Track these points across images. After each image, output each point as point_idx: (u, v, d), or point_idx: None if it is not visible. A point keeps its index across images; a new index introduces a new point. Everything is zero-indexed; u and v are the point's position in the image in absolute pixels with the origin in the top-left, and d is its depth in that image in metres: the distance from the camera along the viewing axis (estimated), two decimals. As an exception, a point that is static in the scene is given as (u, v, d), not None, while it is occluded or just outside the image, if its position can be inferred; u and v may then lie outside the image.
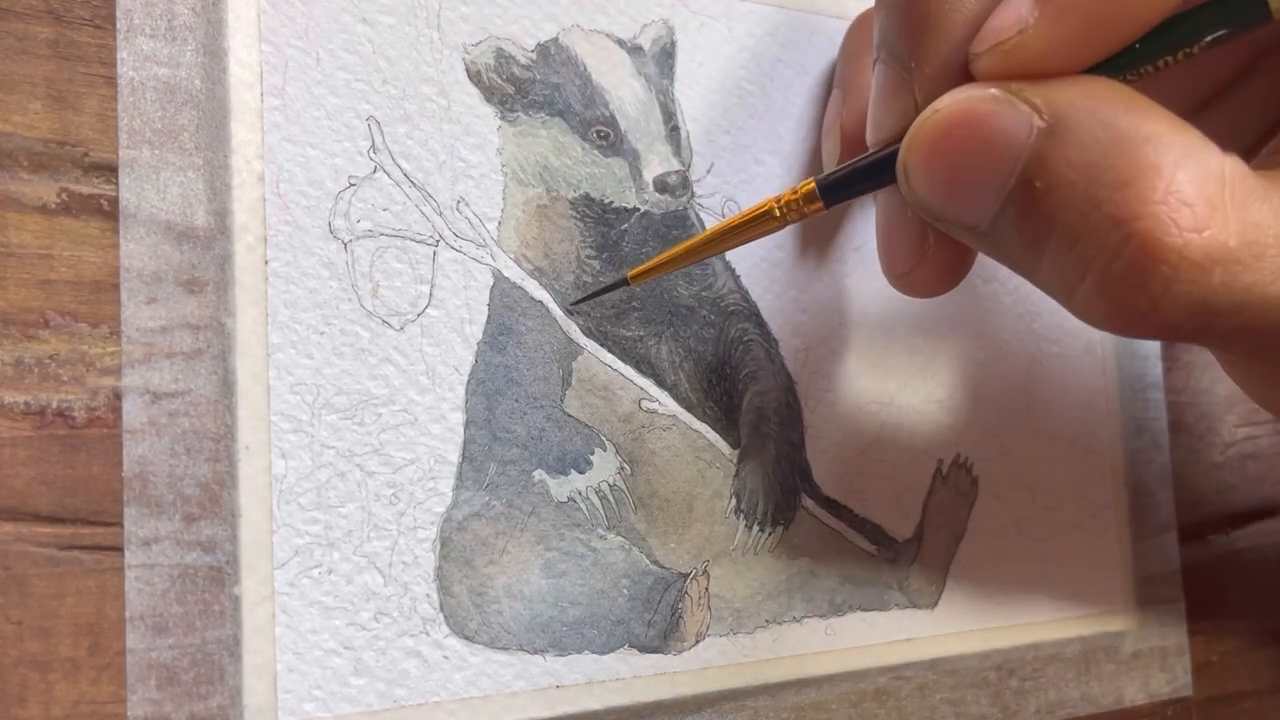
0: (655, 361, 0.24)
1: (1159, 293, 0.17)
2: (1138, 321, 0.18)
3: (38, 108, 0.19)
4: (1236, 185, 0.17)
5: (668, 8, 0.25)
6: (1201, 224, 0.17)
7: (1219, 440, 0.34)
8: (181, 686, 0.19)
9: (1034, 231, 0.18)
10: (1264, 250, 0.17)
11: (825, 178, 0.21)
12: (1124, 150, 0.17)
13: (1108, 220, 0.17)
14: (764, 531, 0.25)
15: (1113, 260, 0.17)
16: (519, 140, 0.23)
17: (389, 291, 0.22)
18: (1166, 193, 0.17)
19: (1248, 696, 0.34)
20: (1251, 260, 0.17)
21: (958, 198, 0.19)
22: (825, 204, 0.21)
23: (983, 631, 0.28)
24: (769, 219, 0.22)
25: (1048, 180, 0.18)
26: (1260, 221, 0.17)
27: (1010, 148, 0.18)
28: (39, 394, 0.19)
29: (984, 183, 0.19)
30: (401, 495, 0.21)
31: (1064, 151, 0.18)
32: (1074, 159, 0.17)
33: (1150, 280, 0.17)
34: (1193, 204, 0.17)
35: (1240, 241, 0.17)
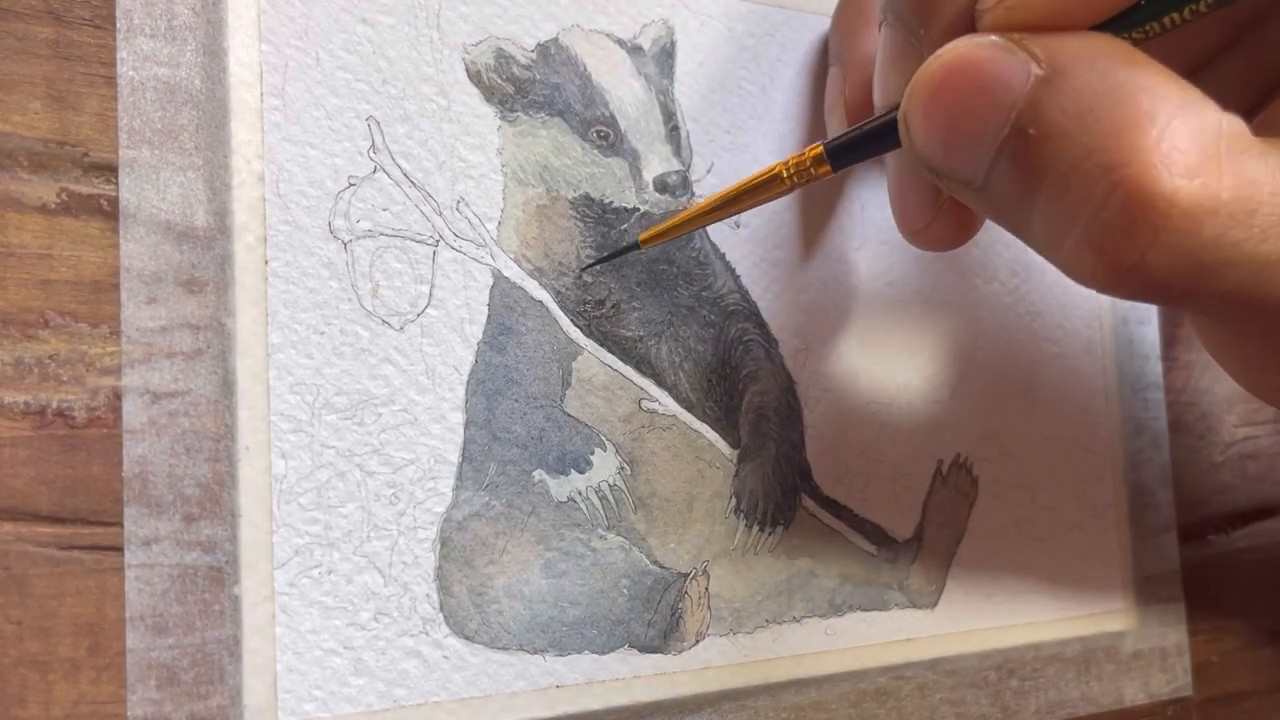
0: (655, 361, 0.24)
1: (1147, 244, 0.17)
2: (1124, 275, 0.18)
3: (38, 108, 0.19)
4: (1233, 140, 0.17)
5: (668, 8, 0.25)
6: (1194, 171, 0.16)
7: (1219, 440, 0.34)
8: (181, 686, 0.19)
9: (1026, 181, 0.18)
10: (1257, 207, 0.17)
11: (832, 141, 0.21)
12: (1119, 100, 0.17)
13: (1099, 168, 0.17)
14: (764, 531, 0.25)
15: (1101, 209, 0.17)
16: (519, 140, 0.23)
17: (389, 291, 0.22)
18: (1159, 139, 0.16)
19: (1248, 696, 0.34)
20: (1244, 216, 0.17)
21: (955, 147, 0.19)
22: (832, 167, 0.21)
23: (983, 631, 0.28)
24: (777, 182, 0.22)
25: (1041, 128, 0.18)
26: (1255, 178, 0.17)
27: (1006, 94, 0.18)
28: (39, 394, 0.19)
29: (980, 130, 0.18)
30: (401, 495, 0.21)
31: (1059, 99, 0.17)
32: (1069, 107, 0.17)
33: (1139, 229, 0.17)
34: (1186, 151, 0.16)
35: (1233, 195, 0.17)
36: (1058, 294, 0.31)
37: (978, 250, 0.29)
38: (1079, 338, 0.31)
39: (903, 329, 0.28)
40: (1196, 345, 0.33)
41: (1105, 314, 0.32)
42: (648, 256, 0.24)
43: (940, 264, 0.29)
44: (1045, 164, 0.18)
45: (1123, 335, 0.32)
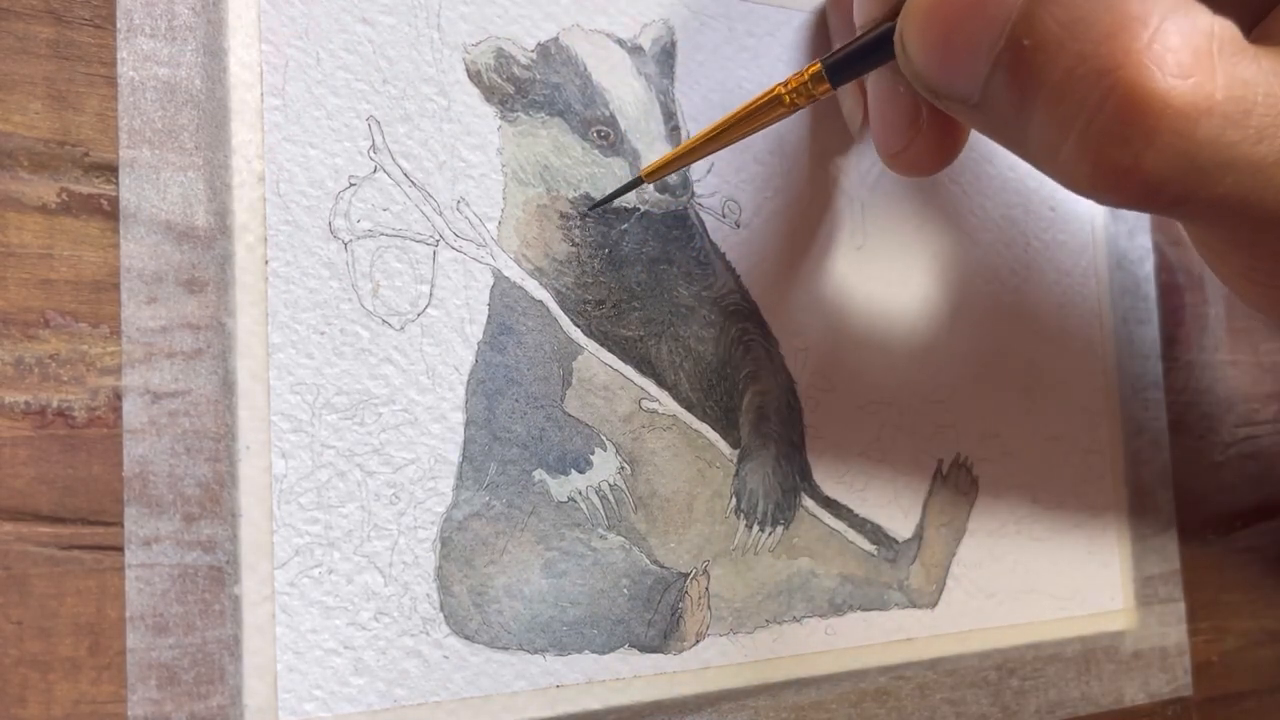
0: (655, 361, 0.24)
1: (1143, 144, 0.17)
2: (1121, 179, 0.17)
3: (38, 108, 0.19)
4: (1226, 42, 0.17)
5: (668, 8, 0.25)
6: (1186, 71, 0.16)
7: (1219, 440, 0.34)
8: (181, 686, 0.19)
9: (1022, 92, 0.18)
10: (1251, 108, 0.17)
11: (829, 57, 0.21)
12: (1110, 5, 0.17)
13: (1093, 73, 0.17)
14: (764, 531, 0.25)
15: (1096, 113, 0.17)
16: (519, 140, 0.23)
17: (389, 291, 0.22)
18: (1151, 41, 0.17)
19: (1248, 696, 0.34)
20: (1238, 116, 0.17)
21: (952, 63, 0.19)
22: (831, 84, 0.21)
23: (983, 631, 0.28)
24: (777, 105, 0.22)
25: (1035, 38, 0.18)
26: (1249, 79, 0.17)
27: (1000, 7, 0.18)
28: (39, 394, 0.19)
29: (976, 45, 0.18)
30: (402, 495, 0.21)
31: (1052, 9, 0.17)
32: (1061, 16, 0.17)
33: (1134, 131, 0.17)
34: (1178, 51, 0.17)
35: (1227, 95, 0.17)
36: (1058, 294, 0.31)
37: (978, 250, 0.29)
38: (1079, 338, 0.31)
39: (903, 329, 0.28)
40: (1197, 345, 0.34)
41: (1105, 314, 0.32)
42: (648, 256, 0.24)
43: (941, 264, 0.29)
44: (1041, 73, 0.18)
45: (1123, 335, 0.32)
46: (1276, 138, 0.17)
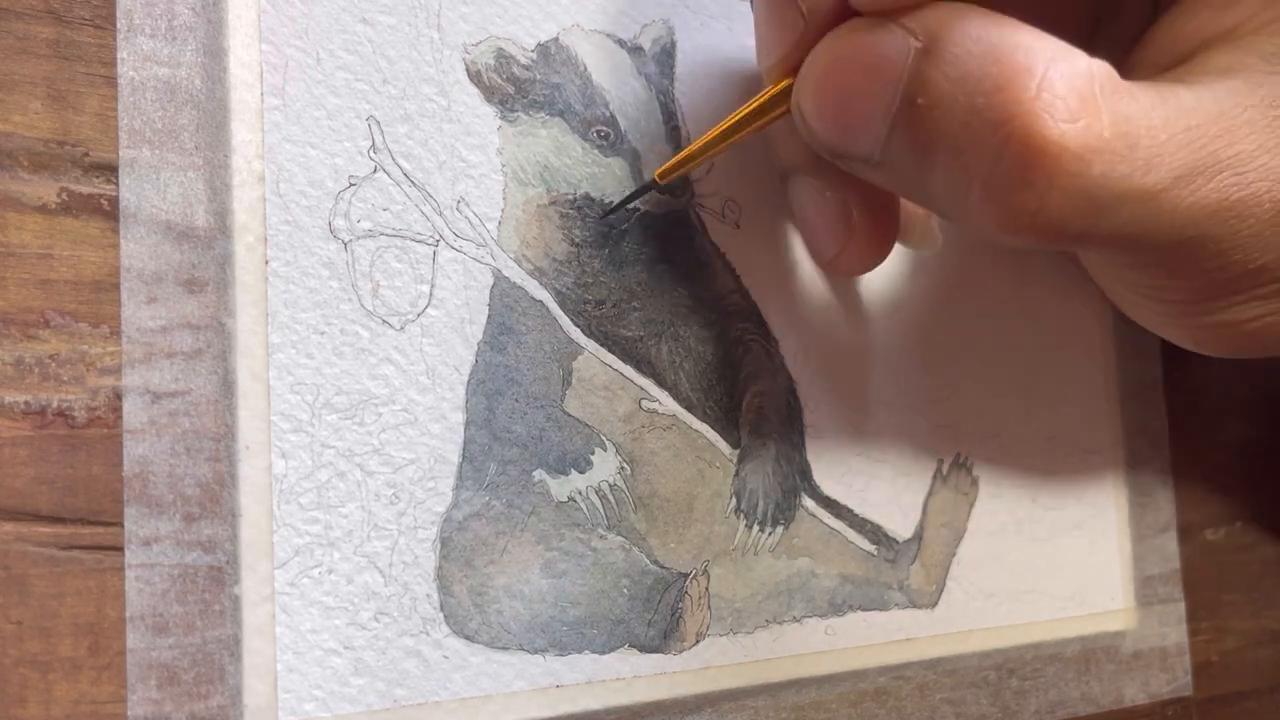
0: (655, 361, 0.24)
1: (1044, 188, 0.18)
2: (1027, 221, 0.18)
3: (38, 108, 0.19)
4: (1105, 82, 0.18)
5: (668, 8, 0.25)
6: (1075, 115, 0.17)
7: (1219, 440, 0.34)
8: (181, 686, 0.19)
9: (922, 149, 0.19)
10: (1136, 141, 0.18)
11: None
12: (997, 58, 0.18)
13: (988, 125, 0.18)
14: (764, 531, 0.25)
15: (996, 162, 0.18)
16: (519, 140, 0.23)
17: (389, 291, 0.22)
18: (1039, 89, 0.17)
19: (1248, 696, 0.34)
20: (1126, 151, 0.18)
21: (850, 127, 0.20)
22: None
23: (983, 631, 0.28)
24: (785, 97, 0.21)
25: (929, 97, 0.18)
26: (1131, 115, 0.18)
27: (891, 70, 0.19)
28: (39, 394, 0.19)
29: (871, 108, 0.19)
30: (402, 495, 0.21)
31: (941, 67, 0.18)
32: (950, 73, 0.18)
33: (1034, 175, 0.18)
34: (1065, 97, 0.17)
35: (1114, 133, 0.18)
36: (1058, 294, 0.31)
37: (979, 250, 0.29)
38: (1079, 338, 0.31)
39: (903, 329, 0.28)
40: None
41: (1105, 314, 0.32)
42: (648, 256, 0.24)
43: (941, 264, 0.29)
44: (938, 130, 0.18)
45: (1123, 335, 0.32)
46: (1162, 166, 0.18)
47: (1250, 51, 0.19)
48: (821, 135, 0.20)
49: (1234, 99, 0.19)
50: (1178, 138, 0.18)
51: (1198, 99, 0.19)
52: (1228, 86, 0.19)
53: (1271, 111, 0.19)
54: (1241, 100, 0.19)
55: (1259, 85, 0.19)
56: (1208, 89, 0.19)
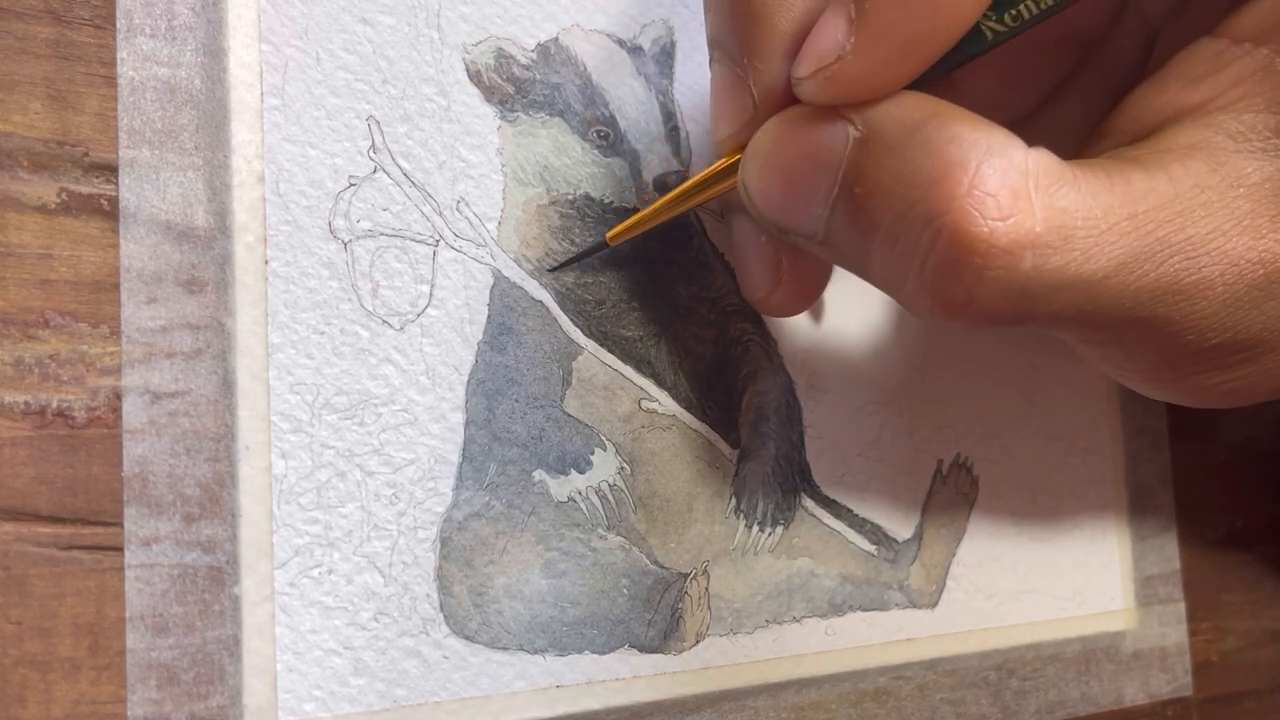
0: (655, 361, 0.24)
1: (974, 282, 0.18)
2: (959, 311, 0.19)
3: (38, 108, 0.19)
4: (1041, 175, 0.18)
5: (668, 8, 0.25)
6: (1006, 212, 0.17)
7: (1219, 440, 0.34)
8: (181, 686, 0.19)
9: (860, 235, 0.19)
10: (1073, 233, 0.18)
11: None
12: (930, 151, 0.18)
13: (921, 218, 0.18)
14: (764, 531, 0.25)
15: (928, 255, 0.18)
16: (519, 140, 0.23)
17: (389, 291, 0.22)
18: (971, 186, 0.17)
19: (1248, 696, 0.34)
20: (1060, 243, 0.18)
21: (791, 208, 0.20)
22: None
23: (983, 631, 0.28)
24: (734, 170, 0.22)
25: (865, 186, 0.19)
26: (1068, 207, 0.18)
27: (830, 156, 0.19)
28: (39, 394, 0.19)
29: (812, 192, 0.20)
30: (401, 495, 0.21)
31: (877, 158, 0.19)
32: (886, 164, 0.18)
33: (964, 270, 0.18)
34: (996, 194, 0.18)
35: (1046, 226, 0.18)
36: (1058, 294, 0.31)
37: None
38: (1079, 338, 0.31)
39: (903, 329, 0.28)
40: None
41: (1105, 314, 0.32)
42: (648, 256, 0.24)
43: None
44: (875, 218, 0.19)
45: (1123, 335, 0.32)
46: (1102, 255, 0.18)
47: (1217, 129, 0.19)
48: (765, 213, 0.21)
49: (1191, 180, 0.19)
50: (1120, 225, 0.18)
51: (1151, 182, 0.19)
52: (1187, 167, 0.19)
53: (1231, 192, 0.19)
54: (1200, 181, 0.19)
55: (1221, 164, 0.19)
56: (1164, 170, 0.19)
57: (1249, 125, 0.19)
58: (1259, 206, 0.19)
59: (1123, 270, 0.18)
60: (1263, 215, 0.19)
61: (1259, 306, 0.19)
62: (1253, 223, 0.19)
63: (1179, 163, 0.19)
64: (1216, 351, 0.20)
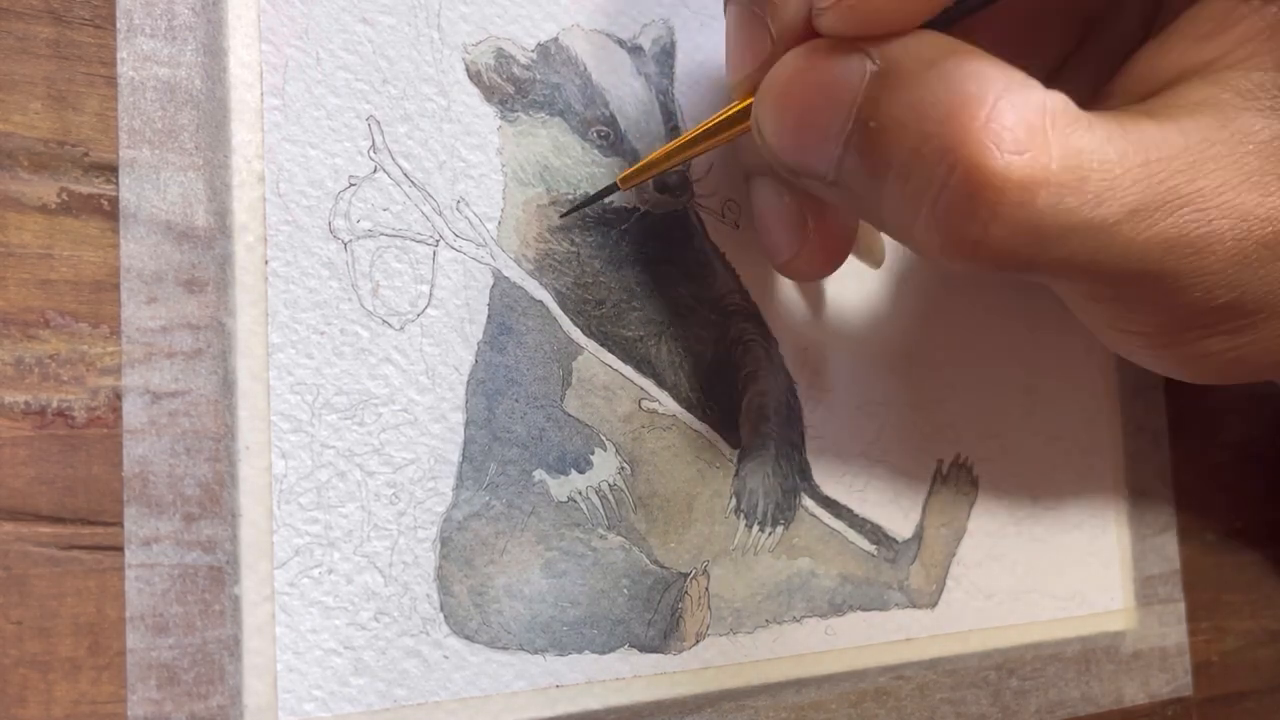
0: (655, 361, 0.24)
1: (988, 217, 0.18)
2: (971, 249, 0.18)
3: (38, 108, 0.19)
4: (1058, 114, 0.18)
5: (668, 8, 0.25)
6: (1022, 147, 0.17)
7: (1219, 440, 0.34)
8: (181, 686, 0.19)
9: (873, 171, 0.19)
10: (1087, 175, 0.18)
11: None
12: (949, 86, 0.18)
13: (936, 152, 0.18)
14: (764, 531, 0.25)
15: (943, 190, 0.18)
16: (519, 140, 0.23)
17: (389, 291, 0.22)
18: (988, 120, 0.17)
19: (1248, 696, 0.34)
20: (1075, 184, 0.18)
21: (804, 145, 0.20)
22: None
23: (983, 631, 0.28)
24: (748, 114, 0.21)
25: (880, 120, 0.18)
26: (1083, 148, 0.18)
27: (846, 91, 0.19)
28: (39, 394, 0.19)
29: (825, 127, 0.19)
30: (402, 495, 0.21)
31: (893, 92, 0.18)
32: (903, 98, 0.18)
33: (978, 205, 0.18)
34: (1013, 129, 0.17)
35: (1062, 165, 0.18)
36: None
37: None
38: (1079, 337, 0.31)
39: (903, 329, 0.28)
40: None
41: (1105, 314, 0.32)
42: (648, 256, 0.24)
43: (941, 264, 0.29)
44: (888, 153, 0.18)
45: (1123, 335, 0.32)
46: (1115, 200, 0.18)
47: (1225, 86, 0.19)
48: (778, 152, 0.20)
49: (1202, 134, 0.19)
50: (1134, 171, 0.18)
51: (1162, 132, 0.19)
52: (1197, 121, 0.19)
53: (1240, 148, 0.19)
54: (1209, 135, 0.19)
55: (1230, 120, 0.19)
56: (1174, 123, 0.19)
57: (1257, 83, 0.19)
58: (1267, 164, 0.19)
59: (1134, 218, 0.18)
60: (1271, 173, 0.19)
61: (1266, 266, 0.19)
62: (1261, 179, 0.19)
63: (1189, 117, 0.19)
64: (1222, 312, 0.20)
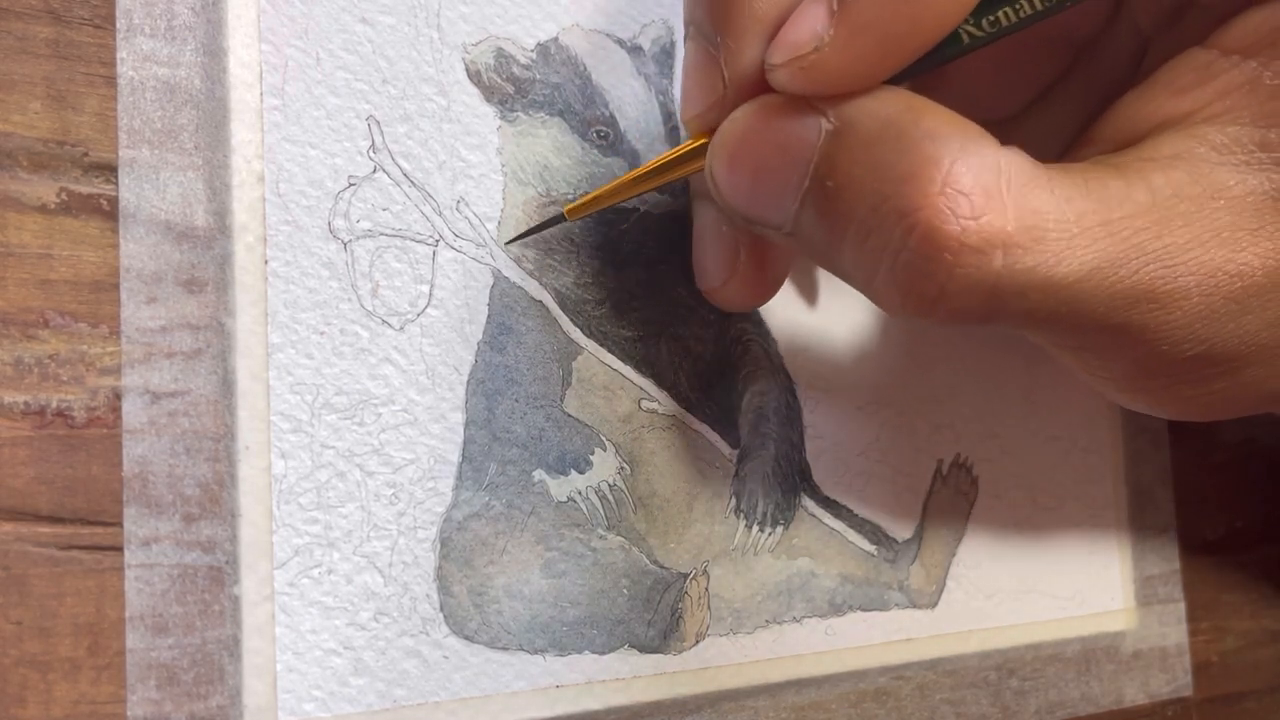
0: (655, 361, 0.24)
1: (944, 278, 0.18)
2: (929, 307, 0.19)
3: (38, 108, 0.19)
4: (1014, 174, 0.18)
5: (668, 8, 0.25)
6: (978, 211, 0.17)
7: (1219, 440, 0.34)
8: (181, 686, 0.19)
9: (831, 229, 0.19)
10: (1045, 234, 0.18)
11: None
12: (905, 147, 0.18)
13: (894, 213, 0.18)
14: (764, 531, 0.25)
15: (900, 250, 0.18)
16: (519, 140, 0.23)
17: (389, 291, 0.22)
18: (944, 184, 0.17)
19: (1248, 696, 0.34)
20: (1031, 244, 0.18)
21: (760, 200, 0.20)
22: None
23: (983, 631, 0.28)
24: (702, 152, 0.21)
25: (838, 179, 0.19)
26: (1040, 208, 0.18)
27: (802, 150, 0.19)
28: (39, 394, 0.19)
29: (782, 184, 0.19)
30: (401, 495, 0.21)
31: (850, 151, 0.18)
32: (859, 158, 0.18)
33: (935, 267, 0.18)
34: (969, 193, 0.17)
35: (1018, 226, 0.18)
36: (1058, 294, 0.31)
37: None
38: (1079, 338, 0.31)
39: (903, 329, 0.28)
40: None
41: (1105, 314, 0.32)
42: (648, 256, 0.24)
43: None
44: (846, 212, 0.19)
45: (1123, 335, 0.32)
46: (1074, 258, 0.18)
47: (1201, 140, 0.19)
48: (732, 204, 0.20)
49: (1171, 189, 0.19)
50: (1093, 230, 0.18)
51: (1128, 188, 0.18)
52: (1168, 176, 0.19)
53: (1211, 203, 0.19)
54: (1180, 191, 0.19)
55: (1203, 175, 0.19)
56: (1143, 177, 0.19)
57: (1233, 137, 0.19)
58: (1239, 219, 0.19)
59: (1096, 275, 0.18)
60: (1242, 228, 0.19)
61: (1235, 320, 0.19)
62: (1232, 235, 0.19)
63: (1160, 172, 0.19)
64: (1192, 364, 0.20)
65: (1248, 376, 0.20)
